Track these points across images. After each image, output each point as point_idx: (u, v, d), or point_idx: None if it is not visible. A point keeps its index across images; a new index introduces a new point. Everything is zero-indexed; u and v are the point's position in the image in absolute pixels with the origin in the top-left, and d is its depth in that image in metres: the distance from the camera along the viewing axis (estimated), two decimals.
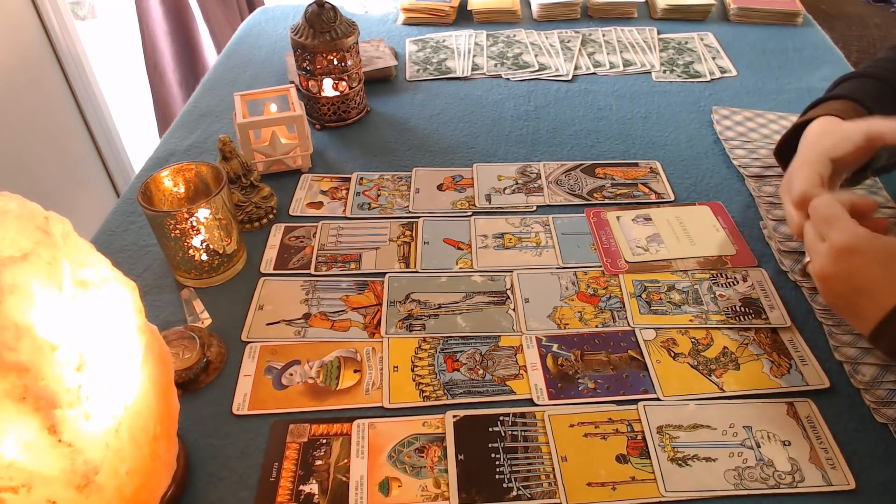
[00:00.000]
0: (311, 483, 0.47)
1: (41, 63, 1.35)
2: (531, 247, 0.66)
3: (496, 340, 0.57)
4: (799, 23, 1.08)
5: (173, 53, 1.66)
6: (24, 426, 0.30)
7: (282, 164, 0.77)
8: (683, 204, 0.71)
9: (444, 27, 1.11)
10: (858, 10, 1.74)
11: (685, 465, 0.47)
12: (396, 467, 0.48)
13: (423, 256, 0.66)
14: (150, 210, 0.58)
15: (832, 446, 0.48)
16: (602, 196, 0.73)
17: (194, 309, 0.61)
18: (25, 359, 0.30)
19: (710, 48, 1.02)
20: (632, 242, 0.66)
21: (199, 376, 0.54)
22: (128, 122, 1.70)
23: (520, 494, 0.46)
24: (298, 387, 0.54)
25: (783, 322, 0.58)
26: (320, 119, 0.86)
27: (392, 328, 0.58)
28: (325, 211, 0.72)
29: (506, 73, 0.97)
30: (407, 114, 0.89)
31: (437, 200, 0.73)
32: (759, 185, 0.72)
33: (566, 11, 1.11)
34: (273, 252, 0.67)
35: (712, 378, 0.53)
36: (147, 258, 0.67)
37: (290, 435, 0.50)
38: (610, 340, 0.57)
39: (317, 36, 0.79)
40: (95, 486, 0.33)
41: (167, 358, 0.43)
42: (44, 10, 1.32)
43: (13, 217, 0.32)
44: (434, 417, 0.51)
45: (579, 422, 0.51)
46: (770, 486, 0.46)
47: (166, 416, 0.41)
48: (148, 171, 0.79)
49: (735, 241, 0.66)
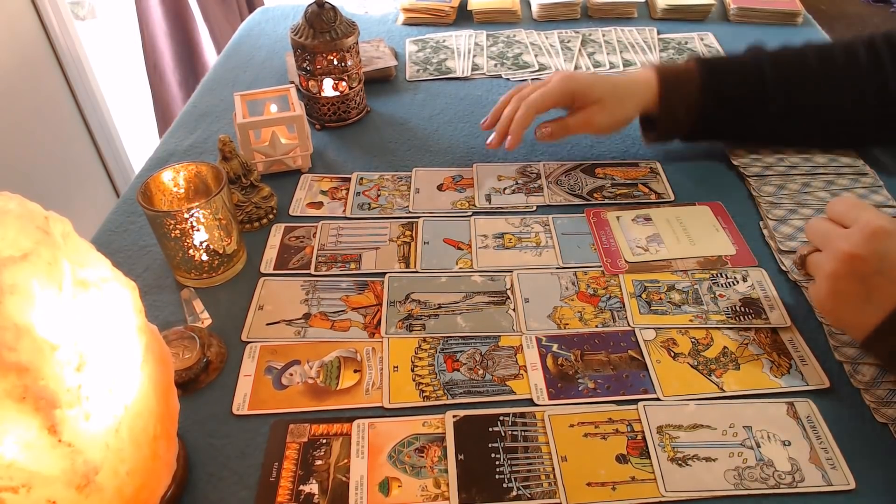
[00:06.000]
0: (311, 483, 0.47)
1: (41, 63, 1.35)
2: (531, 247, 0.66)
3: (496, 340, 0.57)
4: (799, 23, 1.08)
5: (173, 53, 1.66)
6: (24, 426, 0.30)
7: (282, 164, 0.77)
8: (683, 204, 0.71)
9: (444, 27, 1.11)
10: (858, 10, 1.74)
11: (685, 465, 0.47)
12: (396, 467, 0.48)
13: (423, 256, 0.66)
14: (150, 210, 0.58)
15: (832, 446, 0.48)
16: (602, 196, 0.73)
17: (194, 309, 0.61)
18: (25, 359, 0.30)
19: (710, 48, 1.02)
20: (632, 242, 0.66)
21: (199, 376, 0.54)
22: (128, 122, 1.70)
23: (520, 494, 0.46)
24: (298, 387, 0.54)
25: (783, 322, 0.58)
26: (320, 119, 0.86)
27: (392, 328, 0.58)
28: (325, 211, 0.72)
29: (506, 73, 0.97)
30: (407, 114, 0.89)
31: (438, 200, 0.73)
32: (759, 185, 0.72)
33: (566, 11, 1.11)
34: (273, 252, 0.67)
35: (712, 378, 0.53)
36: (147, 258, 0.67)
37: (290, 435, 0.50)
38: (610, 340, 0.57)
39: (317, 36, 0.79)
40: (95, 486, 0.33)
41: (167, 358, 0.43)
42: (44, 11, 1.32)
43: (13, 217, 0.32)
44: (434, 417, 0.51)
45: (579, 422, 0.51)
46: (770, 486, 0.46)
47: (166, 416, 0.41)
48: (148, 171, 0.79)
49: (735, 241, 0.66)
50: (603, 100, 0.71)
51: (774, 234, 0.66)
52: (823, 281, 0.50)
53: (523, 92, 0.73)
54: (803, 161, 0.74)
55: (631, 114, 0.73)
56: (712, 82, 0.71)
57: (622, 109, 0.72)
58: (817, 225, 0.53)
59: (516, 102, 0.72)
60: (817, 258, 0.51)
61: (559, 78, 0.71)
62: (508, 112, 0.72)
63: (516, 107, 0.72)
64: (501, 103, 0.75)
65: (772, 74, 0.71)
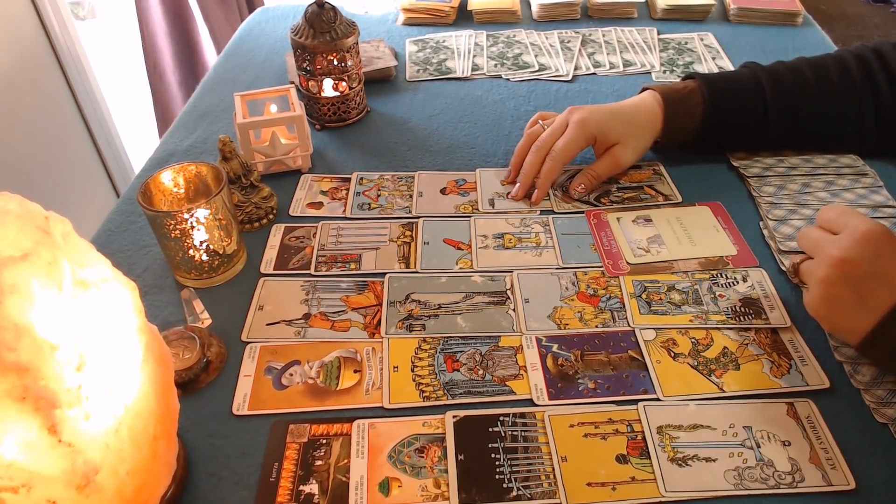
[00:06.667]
0: (311, 483, 0.47)
1: (41, 63, 1.35)
2: (531, 247, 0.66)
3: (496, 340, 0.57)
4: (799, 23, 1.08)
5: (173, 53, 1.66)
6: (24, 426, 0.30)
7: (282, 165, 0.77)
8: (683, 204, 0.71)
9: (444, 27, 1.11)
10: (858, 10, 1.75)
11: (685, 465, 0.47)
12: (396, 467, 0.48)
13: (423, 256, 0.66)
14: (150, 210, 0.58)
15: (832, 446, 0.48)
16: (609, 201, 0.72)
17: (194, 309, 0.61)
18: (25, 359, 0.30)
19: (710, 48, 1.02)
20: (633, 244, 0.66)
21: (199, 376, 0.54)
22: (128, 122, 1.70)
23: (520, 494, 0.46)
24: (298, 387, 0.54)
25: (783, 322, 0.58)
26: (320, 119, 0.86)
27: (392, 328, 0.58)
28: (325, 211, 0.72)
29: (506, 73, 0.97)
30: (407, 114, 0.89)
31: (441, 204, 0.73)
32: (759, 185, 0.72)
33: (566, 11, 1.11)
34: (273, 252, 0.67)
35: (712, 378, 0.53)
36: (147, 258, 0.67)
37: (290, 435, 0.50)
38: (610, 340, 0.57)
39: (317, 36, 0.79)
40: (95, 486, 0.33)
41: (167, 358, 0.43)
42: (44, 10, 1.32)
43: (13, 217, 0.32)
44: (434, 417, 0.51)
45: (579, 422, 0.51)
46: (770, 486, 0.46)
47: (166, 416, 0.41)
48: (148, 171, 0.79)
49: (736, 241, 0.66)
50: (623, 139, 0.72)
51: (774, 234, 0.66)
52: (816, 287, 0.50)
53: (542, 141, 0.72)
54: (803, 162, 0.74)
55: (648, 144, 0.74)
56: (714, 108, 0.72)
57: (641, 142, 0.74)
58: (808, 233, 0.54)
59: (536, 153, 0.72)
60: (809, 265, 0.52)
61: (576, 124, 0.71)
62: (532, 163, 0.72)
63: (537, 158, 0.72)
64: (519, 154, 0.74)
65: (772, 91, 0.71)
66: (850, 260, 0.48)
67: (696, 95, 0.72)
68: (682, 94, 0.73)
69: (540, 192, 0.72)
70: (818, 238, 0.52)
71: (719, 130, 0.73)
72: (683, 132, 0.74)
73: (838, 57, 0.73)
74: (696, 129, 0.73)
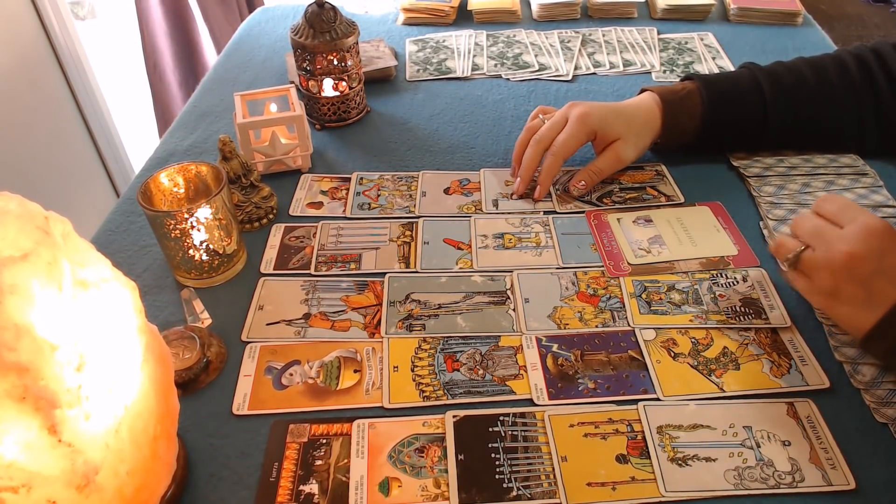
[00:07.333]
0: (311, 483, 0.47)
1: (41, 63, 1.35)
2: (531, 247, 0.66)
3: (496, 340, 0.57)
4: (799, 23, 1.08)
5: (173, 53, 1.66)
6: (24, 426, 0.30)
7: (282, 164, 0.77)
8: (683, 204, 0.71)
9: (444, 27, 1.11)
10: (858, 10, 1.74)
11: (685, 465, 0.47)
12: (396, 467, 0.48)
13: (423, 256, 0.66)
14: (150, 210, 0.58)
15: (832, 446, 0.48)
16: (612, 201, 0.72)
17: (194, 309, 0.61)
18: (25, 359, 0.30)
19: (710, 48, 1.02)
20: (633, 244, 0.66)
21: (199, 376, 0.54)
22: (128, 122, 1.70)
23: (520, 494, 0.46)
24: (298, 387, 0.54)
25: (783, 322, 0.58)
26: (320, 119, 0.86)
27: (392, 328, 0.58)
28: (325, 211, 0.72)
29: (506, 73, 0.97)
30: (407, 114, 0.89)
31: (444, 204, 0.73)
32: (759, 185, 0.72)
33: (566, 11, 1.11)
34: (273, 252, 0.67)
35: (712, 378, 0.53)
36: (147, 258, 0.67)
37: (290, 435, 0.50)
38: (610, 340, 0.57)
39: (317, 36, 0.79)
40: (95, 486, 0.33)
41: (167, 358, 0.43)
42: (44, 10, 1.32)
43: (13, 217, 0.32)
44: (434, 417, 0.51)
45: (579, 422, 0.51)
46: (770, 486, 0.46)
47: (166, 416, 0.41)
48: (148, 171, 0.79)
49: (736, 241, 0.66)
50: (623, 135, 0.72)
51: (774, 234, 0.66)
52: (822, 280, 0.50)
53: (542, 135, 0.72)
54: (803, 162, 0.74)
55: (648, 143, 0.74)
56: (713, 110, 0.72)
57: (642, 140, 0.73)
58: (806, 222, 0.53)
59: (535, 147, 0.71)
60: (814, 257, 0.51)
61: (577, 119, 0.70)
62: (532, 157, 0.72)
63: (536, 152, 0.71)
64: (519, 148, 0.74)
65: (771, 92, 0.72)
66: (858, 255, 0.48)
67: (694, 97, 0.72)
68: (680, 95, 0.73)
69: (542, 188, 0.72)
70: (820, 228, 0.51)
71: (719, 132, 0.73)
72: (683, 134, 0.74)
73: (837, 57, 0.73)
74: (695, 131, 0.73)
